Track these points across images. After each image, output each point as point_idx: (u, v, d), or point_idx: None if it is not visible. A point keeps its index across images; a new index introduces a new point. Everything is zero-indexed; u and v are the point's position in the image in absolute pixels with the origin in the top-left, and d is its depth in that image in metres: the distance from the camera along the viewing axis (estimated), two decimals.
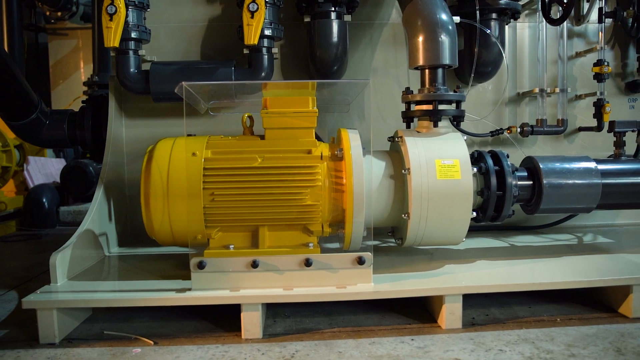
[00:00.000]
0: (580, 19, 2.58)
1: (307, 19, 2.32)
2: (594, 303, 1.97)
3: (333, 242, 2.10)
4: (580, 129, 2.64)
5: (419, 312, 1.89)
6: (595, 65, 2.46)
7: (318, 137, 2.35)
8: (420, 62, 1.98)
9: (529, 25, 2.60)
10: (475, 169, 1.93)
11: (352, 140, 1.88)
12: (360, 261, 1.74)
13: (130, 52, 2.27)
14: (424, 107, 1.98)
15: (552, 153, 2.61)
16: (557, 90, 2.50)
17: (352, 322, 1.84)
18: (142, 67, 2.32)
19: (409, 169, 1.86)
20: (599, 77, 2.45)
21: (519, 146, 2.60)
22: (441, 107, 1.97)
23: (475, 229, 2.55)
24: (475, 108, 2.56)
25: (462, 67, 2.46)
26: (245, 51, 2.30)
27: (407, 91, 2.04)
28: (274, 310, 1.94)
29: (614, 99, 2.67)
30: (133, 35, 2.23)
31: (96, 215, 2.17)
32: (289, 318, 1.89)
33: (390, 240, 2.35)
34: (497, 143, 2.61)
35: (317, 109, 1.91)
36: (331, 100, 2.35)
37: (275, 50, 2.33)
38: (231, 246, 1.85)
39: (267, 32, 2.25)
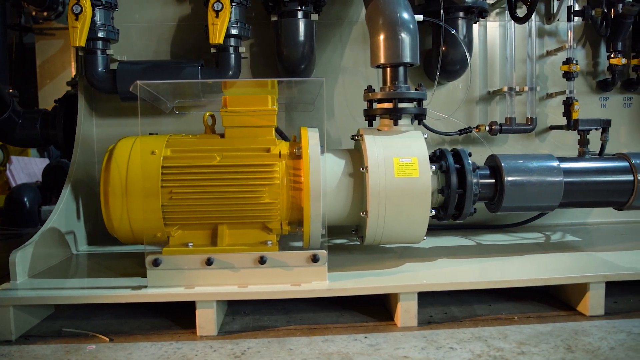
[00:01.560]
0: (550, 17, 2.58)
1: (274, 18, 2.33)
2: (555, 301, 1.97)
3: (299, 241, 2.11)
4: (552, 128, 2.63)
5: (378, 310, 1.89)
6: (564, 63, 2.45)
7: (284, 136, 2.37)
8: (382, 60, 1.98)
9: (499, 23, 2.60)
10: (434, 167, 1.93)
11: (310, 139, 1.89)
12: (315, 259, 1.75)
13: (98, 52, 2.28)
14: (385, 105, 1.98)
15: (524, 152, 2.61)
16: (526, 88, 2.50)
17: (310, 320, 1.85)
18: (111, 66, 2.34)
19: (367, 167, 1.86)
20: (568, 76, 2.44)
21: (489, 145, 2.59)
22: (403, 105, 1.97)
23: (444, 228, 2.55)
24: (446, 106, 2.56)
25: (431, 65, 2.47)
26: (213, 50, 2.31)
27: (369, 89, 2.04)
28: (234, 308, 1.95)
29: (586, 97, 2.67)
30: (100, 34, 2.24)
31: (62, 214, 2.18)
32: (248, 316, 1.90)
33: (356, 238, 2.35)
34: (468, 142, 2.61)
35: (276, 108, 1.91)
36: (298, 99, 2.36)
37: (242, 49, 2.34)
38: (190, 244, 1.86)
39: (234, 32, 2.26)
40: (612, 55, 2.53)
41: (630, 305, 1.94)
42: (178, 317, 1.86)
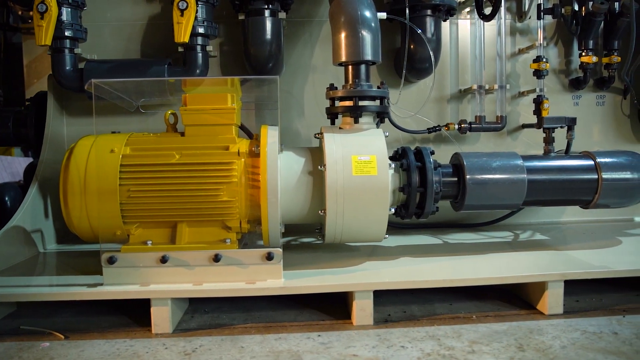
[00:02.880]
0: (522, 15, 2.56)
1: (241, 17, 2.33)
2: (517, 300, 1.95)
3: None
4: (524, 126, 2.62)
5: (338, 309, 1.88)
6: (534, 61, 2.43)
7: (249, 133, 2.37)
8: (343, 58, 1.98)
9: (471, 22, 2.58)
10: (392, 165, 1.93)
11: (269, 137, 1.89)
12: (269, 257, 1.74)
13: (66, 51, 2.29)
14: (346, 103, 1.98)
15: (495, 150, 2.59)
16: (496, 87, 2.48)
17: (268, 318, 1.85)
18: (80, 65, 2.35)
19: (325, 165, 1.86)
20: (538, 74, 2.42)
21: (461, 143, 2.59)
22: (364, 103, 1.97)
23: (414, 227, 2.55)
24: (417, 104, 2.53)
25: (401, 64, 2.46)
26: (180, 49, 2.32)
27: (331, 87, 2.04)
28: (195, 306, 1.95)
29: (559, 95, 2.65)
30: (67, 33, 2.25)
31: (28, 212, 2.19)
32: (207, 314, 1.90)
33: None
34: (439, 140, 2.60)
35: (236, 106, 1.91)
36: (268, 97, 2.36)
37: (210, 48, 2.35)
38: (149, 242, 1.86)
39: (201, 30, 2.27)
40: (583, 53, 2.51)
41: (592, 304, 1.93)
42: (137, 315, 1.86)
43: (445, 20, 2.47)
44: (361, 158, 1.87)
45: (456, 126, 2.47)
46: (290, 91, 2.54)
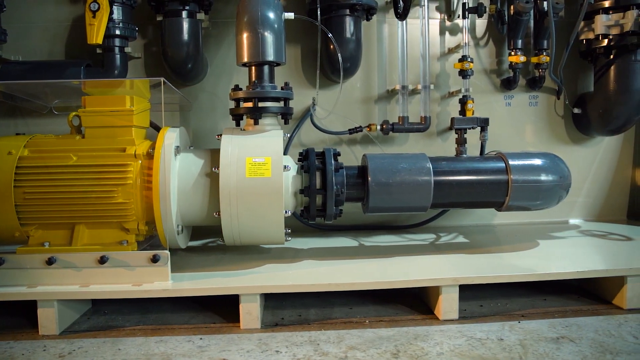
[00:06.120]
0: (451, 14, 2.52)
1: (159, 18, 2.32)
2: (422, 305, 1.92)
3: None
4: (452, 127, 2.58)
5: (236, 312, 1.87)
6: (459, 61, 2.39)
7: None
8: (245, 58, 1.96)
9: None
10: (290, 167, 1.91)
11: (166, 139, 1.88)
12: (155, 259, 1.74)
13: None
14: (248, 104, 1.96)
15: (423, 151, 2.54)
16: (420, 87, 2.44)
17: (161, 320, 1.84)
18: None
19: (218, 167, 1.85)
20: (463, 74, 2.38)
21: (387, 145, 2.55)
22: (266, 104, 1.95)
23: (338, 229, 2.52)
24: (343, 105, 2.52)
25: (326, 64, 2.44)
26: (99, 50, 2.32)
27: (235, 88, 2.02)
28: (97, 308, 1.96)
29: (490, 96, 2.60)
30: None
31: None
32: (105, 315, 1.90)
33: None
34: (367, 141, 2.57)
35: (135, 108, 1.90)
36: (184, 99, 2.36)
37: (129, 49, 2.34)
38: (46, 244, 1.87)
39: (117, 32, 2.26)
40: (512, 53, 2.46)
41: (494, 309, 1.89)
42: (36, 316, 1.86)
43: (368, 20, 2.43)
44: (256, 160, 1.85)
45: (378, 127, 2.44)
46: (215, 92, 2.53)
